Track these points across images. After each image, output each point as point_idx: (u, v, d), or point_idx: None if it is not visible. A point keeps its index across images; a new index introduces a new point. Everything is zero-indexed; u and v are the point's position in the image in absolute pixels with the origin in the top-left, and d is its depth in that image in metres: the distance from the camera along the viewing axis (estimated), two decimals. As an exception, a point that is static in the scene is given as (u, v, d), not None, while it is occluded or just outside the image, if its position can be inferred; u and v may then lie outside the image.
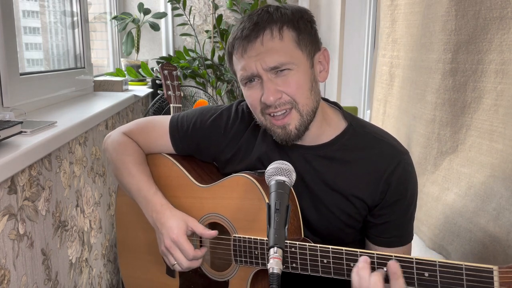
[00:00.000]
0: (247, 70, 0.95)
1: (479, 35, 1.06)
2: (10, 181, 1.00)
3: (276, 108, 0.94)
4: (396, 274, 0.80)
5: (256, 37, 0.93)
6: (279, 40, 0.93)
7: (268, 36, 0.93)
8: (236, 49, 0.96)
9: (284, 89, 0.94)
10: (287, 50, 0.93)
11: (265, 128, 1.01)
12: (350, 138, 1.02)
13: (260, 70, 0.93)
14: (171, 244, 1.01)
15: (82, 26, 2.00)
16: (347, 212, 1.02)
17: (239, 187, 1.03)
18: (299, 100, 0.95)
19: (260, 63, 0.93)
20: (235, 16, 2.86)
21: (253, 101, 0.98)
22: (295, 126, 0.96)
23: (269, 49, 0.92)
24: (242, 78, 0.97)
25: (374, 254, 0.84)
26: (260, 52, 0.93)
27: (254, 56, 0.93)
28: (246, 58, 0.94)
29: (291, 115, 0.95)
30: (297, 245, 0.91)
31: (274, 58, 0.92)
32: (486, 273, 0.75)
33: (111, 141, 1.19)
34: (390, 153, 1.00)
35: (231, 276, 1.05)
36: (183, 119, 1.15)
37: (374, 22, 2.26)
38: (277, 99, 0.93)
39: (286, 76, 0.93)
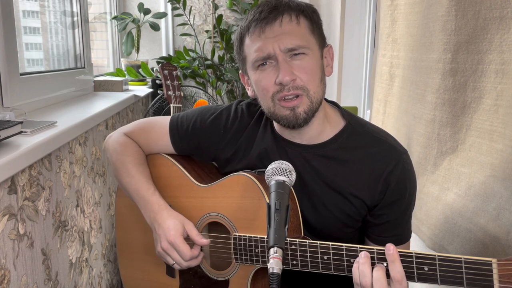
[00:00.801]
0: (264, 51, 0.95)
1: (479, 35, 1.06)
2: (10, 181, 1.00)
3: (290, 90, 0.94)
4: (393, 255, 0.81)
5: (274, 19, 0.94)
6: (297, 24, 0.96)
7: (287, 19, 0.95)
8: (251, 31, 0.97)
9: (298, 73, 0.95)
10: (303, 35, 0.96)
11: (271, 115, 1.00)
12: (349, 137, 1.02)
13: (277, 50, 0.94)
14: (168, 246, 1.02)
15: (82, 26, 2.00)
16: (346, 211, 1.02)
17: (239, 186, 1.03)
18: (310, 86, 0.96)
19: (278, 44, 0.94)
20: (235, 16, 2.86)
21: (266, 84, 0.96)
22: (304, 110, 0.96)
23: (287, 31, 0.94)
24: (256, 59, 0.96)
25: (374, 249, 0.85)
26: (278, 33, 0.94)
27: (272, 37, 0.94)
28: (263, 39, 0.95)
29: (301, 99, 0.96)
30: (297, 242, 0.91)
31: (292, 40, 0.94)
32: (485, 266, 0.76)
33: (112, 141, 1.20)
34: (389, 152, 1.00)
35: (231, 275, 1.05)
36: (183, 119, 1.15)
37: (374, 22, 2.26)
38: (292, 80, 0.94)
39: (301, 60, 0.95)
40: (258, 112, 1.10)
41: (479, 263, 0.77)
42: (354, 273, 0.85)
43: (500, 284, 0.75)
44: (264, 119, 1.09)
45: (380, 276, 0.81)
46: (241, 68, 1.05)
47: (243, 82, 1.08)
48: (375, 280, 0.81)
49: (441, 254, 0.80)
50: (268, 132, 1.07)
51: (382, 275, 0.81)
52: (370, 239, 1.06)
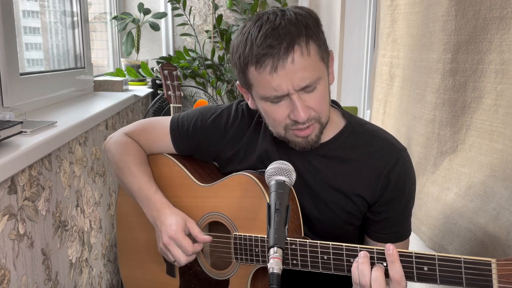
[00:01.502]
0: (278, 91, 0.89)
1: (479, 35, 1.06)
2: (10, 181, 1.00)
3: (304, 124, 0.93)
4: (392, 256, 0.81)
5: (286, 55, 0.87)
6: (307, 56, 0.89)
7: (298, 53, 0.87)
8: (261, 65, 0.89)
9: (312, 106, 0.92)
10: (315, 66, 0.90)
11: (281, 138, 1.00)
12: (349, 136, 1.03)
13: (291, 90, 0.89)
14: (169, 241, 1.02)
15: (82, 26, 2.00)
16: (348, 210, 1.02)
17: (240, 185, 1.03)
18: (322, 114, 0.95)
19: (292, 83, 0.88)
20: (235, 16, 2.86)
21: (279, 117, 0.94)
22: (315, 135, 0.96)
23: (300, 68, 0.88)
24: (269, 97, 0.92)
25: (374, 249, 0.85)
26: (290, 71, 0.88)
27: (285, 75, 0.88)
28: (275, 78, 0.88)
29: (313, 127, 0.95)
30: (298, 242, 0.91)
31: (306, 77, 0.89)
32: (485, 266, 0.76)
33: (113, 141, 1.20)
34: (389, 150, 1.01)
35: (231, 275, 1.05)
36: (184, 119, 1.15)
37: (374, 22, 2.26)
38: (307, 116, 0.92)
39: (314, 92, 0.92)
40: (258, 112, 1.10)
41: (479, 263, 0.77)
42: (353, 273, 0.85)
43: (500, 284, 0.75)
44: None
45: (378, 276, 0.81)
46: (242, 85, 1.00)
47: (241, 91, 1.04)
48: (374, 280, 0.81)
49: (441, 254, 0.80)
50: (269, 133, 1.07)
51: (380, 275, 0.82)
52: (369, 236, 1.06)
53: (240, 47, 0.92)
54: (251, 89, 0.97)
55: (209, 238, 1.03)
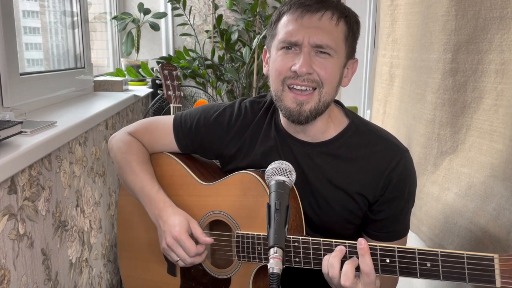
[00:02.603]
0: (293, 36, 0.94)
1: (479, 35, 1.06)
2: (10, 181, 1.00)
3: (303, 81, 0.95)
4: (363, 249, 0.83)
5: (317, 11, 0.94)
6: (335, 25, 0.95)
7: (328, 16, 0.94)
8: (291, 12, 0.96)
9: (317, 69, 0.95)
10: (336, 38, 0.95)
11: (277, 100, 1.00)
12: (352, 136, 1.04)
13: (305, 42, 0.94)
14: (172, 241, 1.02)
15: (82, 26, 2.00)
16: (349, 208, 1.03)
17: (242, 184, 1.03)
18: (325, 84, 0.96)
19: (309, 36, 0.93)
20: (235, 16, 2.86)
21: (282, 66, 0.97)
22: (310, 108, 0.97)
23: (322, 28, 0.94)
24: (282, 41, 0.96)
25: (377, 246, 0.85)
26: (313, 26, 0.93)
27: (306, 27, 0.94)
28: (297, 25, 0.94)
29: (312, 95, 0.96)
30: (300, 240, 0.91)
31: (323, 37, 0.93)
32: (487, 261, 0.77)
33: (116, 140, 1.20)
34: (392, 150, 1.02)
35: (233, 273, 1.05)
36: (187, 117, 1.15)
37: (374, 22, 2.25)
38: (307, 73, 0.94)
39: (324, 59, 0.95)
40: (261, 109, 1.11)
41: (481, 259, 0.78)
42: (323, 265, 0.87)
43: (502, 279, 0.76)
44: (268, 117, 1.09)
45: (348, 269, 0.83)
46: (267, 44, 1.05)
47: (263, 58, 1.07)
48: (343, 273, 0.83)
49: (443, 250, 0.81)
50: (272, 129, 1.08)
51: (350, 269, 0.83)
52: (367, 234, 1.07)
53: (281, 7, 1.00)
54: (273, 40, 1.00)
55: (211, 240, 1.03)
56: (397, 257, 0.84)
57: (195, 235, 1.03)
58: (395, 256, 0.84)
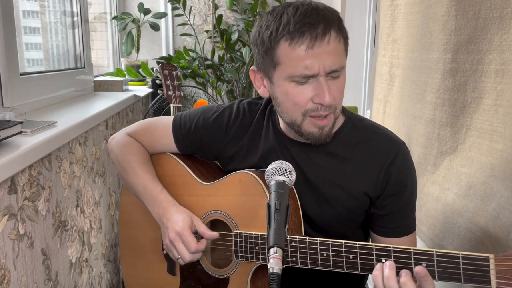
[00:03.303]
0: (310, 70, 0.89)
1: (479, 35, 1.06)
2: (10, 181, 1.00)
3: (326, 110, 0.93)
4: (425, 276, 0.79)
5: (324, 34, 0.88)
6: (339, 42, 0.91)
7: (334, 36, 0.89)
8: (297, 41, 0.88)
9: (335, 94, 0.93)
10: (342, 54, 0.93)
11: (294, 126, 0.98)
12: (349, 133, 1.04)
13: (322, 71, 0.89)
14: (175, 236, 1.02)
15: (82, 26, 2.00)
16: (350, 206, 1.03)
17: (241, 183, 1.03)
18: (339, 106, 0.96)
19: (324, 64, 0.89)
20: (235, 16, 2.86)
21: (300, 100, 0.93)
22: (329, 128, 0.97)
23: (333, 51, 0.89)
24: (297, 76, 0.91)
25: (373, 246, 0.85)
26: (325, 52, 0.88)
27: (319, 54, 0.88)
28: (310, 55, 0.88)
29: (330, 118, 0.96)
30: (297, 239, 0.92)
31: (336, 62, 0.90)
32: (483, 262, 0.77)
33: (116, 142, 1.21)
34: (388, 144, 1.02)
35: (231, 273, 1.05)
36: (186, 118, 1.16)
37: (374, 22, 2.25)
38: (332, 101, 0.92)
39: (337, 81, 0.93)
40: (259, 111, 1.11)
41: (477, 259, 0.77)
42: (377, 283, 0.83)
43: (497, 280, 0.76)
44: (266, 118, 1.09)
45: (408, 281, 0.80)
46: (261, 68, 0.98)
47: (254, 79, 1.02)
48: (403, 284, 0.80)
49: (439, 250, 0.81)
50: (271, 131, 1.08)
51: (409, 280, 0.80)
52: (375, 231, 1.07)
53: (273, 24, 0.91)
54: (275, 69, 0.94)
55: (216, 234, 1.03)
56: (393, 257, 0.84)
57: (199, 231, 1.03)
58: (390, 256, 0.84)
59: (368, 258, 0.86)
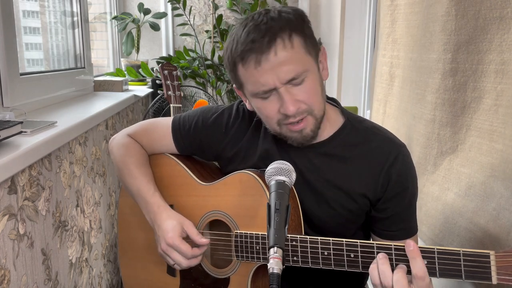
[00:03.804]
0: (265, 85, 0.90)
1: (479, 35, 1.06)
2: (10, 181, 1.00)
3: (296, 117, 0.93)
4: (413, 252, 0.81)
5: (269, 48, 0.88)
6: (291, 48, 0.89)
7: (280, 46, 0.88)
8: (245, 61, 0.90)
9: (302, 99, 0.92)
10: (300, 59, 0.91)
11: (278, 135, 1.00)
12: (348, 134, 1.03)
13: (277, 83, 0.90)
14: (167, 247, 1.02)
15: (82, 26, 2.00)
16: (349, 208, 1.02)
17: (241, 183, 1.03)
18: (314, 106, 0.95)
19: (277, 76, 0.89)
20: (235, 16, 2.86)
21: (270, 113, 0.95)
22: (311, 129, 0.96)
23: (283, 60, 0.89)
24: (256, 93, 0.93)
25: (374, 244, 0.85)
26: (275, 64, 0.89)
27: (269, 69, 0.89)
28: (260, 72, 0.89)
29: (307, 120, 0.95)
30: (298, 238, 0.92)
31: (291, 70, 0.89)
32: (483, 258, 0.77)
33: (116, 143, 1.21)
34: (388, 146, 1.01)
35: (232, 273, 1.05)
36: (185, 119, 1.16)
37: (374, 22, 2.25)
38: (298, 109, 0.92)
39: (302, 85, 0.92)
40: None
41: (477, 256, 0.78)
42: (373, 274, 0.84)
43: (498, 276, 0.76)
44: None
45: (400, 277, 0.81)
46: (236, 86, 1.01)
47: (239, 94, 1.04)
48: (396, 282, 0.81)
49: (440, 247, 0.81)
50: (269, 133, 1.07)
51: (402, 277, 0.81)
52: (377, 234, 1.06)
53: (229, 47, 0.94)
54: (243, 89, 0.98)
55: (207, 241, 1.03)
56: (394, 254, 0.84)
57: (190, 236, 1.03)
58: (392, 254, 0.84)
59: (369, 256, 0.86)
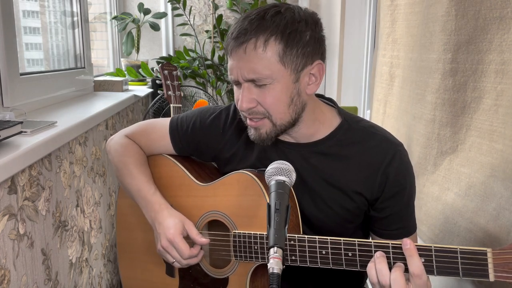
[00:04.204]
0: (231, 74, 0.96)
1: (479, 35, 1.06)
2: (10, 181, 1.00)
3: (250, 115, 0.96)
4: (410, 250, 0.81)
5: (241, 43, 0.91)
6: (262, 51, 0.90)
7: (251, 46, 0.90)
8: (227, 48, 0.96)
9: (260, 100, 0.94)
10: (268, 64, 0.91)
11: None
12: (345, 133, 1.03)
13: (240, 78, 0.94)
14: (167, 244, 1.02)
15: (82, 26, 2.00)
16: (346, 207, 1.02)
17: (239, 184, 1.03)
18: (273, 113, 0.95)
19: (240, 72, 0.93)
20: (235, 16, 2.86)
21: (236, 101, 1.00)
22: (266, 131, 0.98)
23: (249, 60, 0.91)
24: (230, 79, 0.98)
25: (372, 243, 0.86)
26: (241, 59, 0.92)
27: (236, 62, 0.93)
28: (231, 61, 0.95)
29: (263, 122, 0.97)
30: (296, 238, 0.92)
31: (252, 71, 0.91)
32: (480, 255, 0.78)
33: (114, 143, 1.21)
34: (385, 145, 1.01)
35: (230, 273, 1.05)
36: (183, 119, 1.16)
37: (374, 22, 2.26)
38: (250, 108, 0.95)
39: (264, 89, 0.93)
40: None
41: (475, 253, 0.78)
42: (370, 273, 0.84)
43: (495, 273, 0.77)
44: None
45: (397, 276, 0.81)
46: None
47: None
48: (393, 281, 0.81)
49: (437, 245, 0.81)
50: None
51: (399, 275, 0.81)
52: (376, 234, 1.07)
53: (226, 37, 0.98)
54: None
55: (207, 240, 1.04)
56: (392, 253, 0.84)
57: (190, 236, 1.03)
58: (389, 252, 0.84)
59: (367, 255, 0.86)
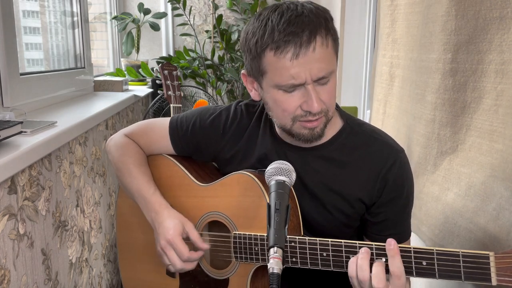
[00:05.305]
0: (297, 79, 0.88)
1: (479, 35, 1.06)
2: (10, 181, 1.00)
3: (315, 116, 0.92)
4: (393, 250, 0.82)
5: (309, 43, 0.86)
6: (326, 47, 0.88)
7: (319, 43, 0.87)
8: (281, 51, 0.87)
9: (323, 99, 0.92)
10: (331, 58, 0.91)
11: (285, 130, 0.99)
12: (347, 137, 1.03)
13: (309, 79, 0.88)
14: (166, 244, 1.02)
15: (82, 26, 2.00)
16: (345, 212, 1.02)
17: (239, 184, 1.03)
18: (330, 108, 0.95)
19: (310, 73, 0.88)
20: (235, 16, 2.86)
21: (288, 107, 0.92)
22: (321, 128, 0.96)
23: (319, 58, 0.87)
24: (285, 85, 0.90)
25: (373, 245, 0.86)
26: (311, 60, 0.87)
27: (305, 64, 0.87)
28: (295, 65, 0.87)
29: (321, 120, 0.94)
30: (297, 240, 0.92)
31: (323, 68, 0.88)
32: (483, 259, 0.77)
33: (113, 143, 1.21)
34: (387, 151, 1.01)
35: (231, 274, 1.05)
36: (183, 119, 1.15)
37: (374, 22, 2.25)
38: (321, 108, 0.91)
39: (327, 85, 0.92)
40: (256, 113, 1.11)
41: (477, 257, 0.78)
42: (350, 268, 0.85)
43: (498, 277, 0.76)
44: (263, 121, 1.09)
45: (379, 271, 0.82)
46: (250, 73, 0.98)
47: (245, 82, 1.02)
48: (374, 276, 0.82)
49: (439, 249, 0.81)
50: (268, 135, 1.07)
51: (381, 271, 0.82)
52: (369, 238, 1.06)
53: (258, 32, 0.90)
54: (263, 77, 0.94)
55: (207, 246, 1.03)
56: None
57: (192, 239, 1.03)
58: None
59: None
